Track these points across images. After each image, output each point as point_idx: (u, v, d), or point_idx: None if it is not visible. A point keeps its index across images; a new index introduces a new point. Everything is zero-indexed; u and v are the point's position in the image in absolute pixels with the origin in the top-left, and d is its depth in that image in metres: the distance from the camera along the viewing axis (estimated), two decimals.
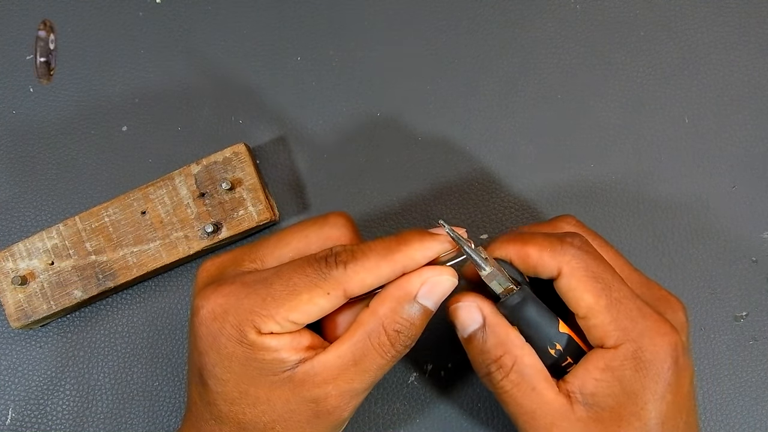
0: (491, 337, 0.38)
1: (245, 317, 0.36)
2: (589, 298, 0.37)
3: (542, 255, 0.38)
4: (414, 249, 0.37)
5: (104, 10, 0.52)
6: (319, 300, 0.36)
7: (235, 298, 0.37)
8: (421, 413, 0.48)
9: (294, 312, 0.36)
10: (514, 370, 0.38)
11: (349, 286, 0.37)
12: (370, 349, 0.37)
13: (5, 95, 0.51)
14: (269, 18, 0.52)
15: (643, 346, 0.37)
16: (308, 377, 0.37)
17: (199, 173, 0.48)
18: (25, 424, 0.48)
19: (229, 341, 0.37)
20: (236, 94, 0.51)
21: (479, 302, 0.39)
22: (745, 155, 0.51)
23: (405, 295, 0.37)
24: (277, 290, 0.36)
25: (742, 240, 0.50)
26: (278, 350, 0.36)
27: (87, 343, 0.49)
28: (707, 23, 0.52)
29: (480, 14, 0.52)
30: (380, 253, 0.37)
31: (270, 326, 0.36)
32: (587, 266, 0.37)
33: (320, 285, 0.36)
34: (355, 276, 0.36)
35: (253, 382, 0.37)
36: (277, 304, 0.36)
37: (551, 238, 0.38)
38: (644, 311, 0.37)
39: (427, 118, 0.51)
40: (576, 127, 0.51)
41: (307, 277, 0.36)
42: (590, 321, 0.37)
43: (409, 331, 0.37)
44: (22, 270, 0.47)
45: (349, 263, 0.37)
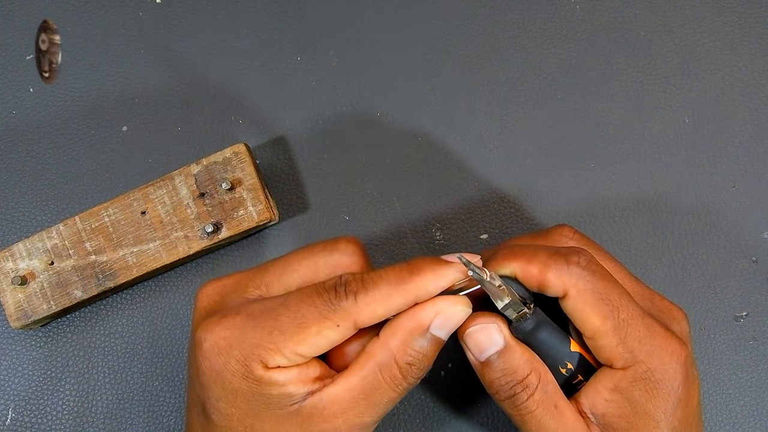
0: (516, 359, 0.37)
1: (251, 351, 0.35)
2: (596, 321, 0.36)
3: (547, 275, 0.37)
4: (427, 279, 0.36)
5: (104, 10, 0.52)
6: (328, 332, 0.35)
7: (240, 332, 0.35)
8: (422, 413, 0.48)
9: (302, 345, 0.35)
10: (539, 389, 0.37)
11: (360, 318, 0.35)
12: (381, 383, 0.36)
13: (5, 95, 0.51)
14: (269, 18, 0.52)
15: (653, 366, 0.36)
16: (317, 411, 0.35)
17: (199, 173, 0.48)
18: (25, 424, 0.48)
19: (234, 377, 0.35)
20: (236, 94, 0.51)
21: (498, 323, 0.37)
22: (745, 155, 0.51)
23: (418, 327, 0.36)
24: (284, 323, 0.35)
25: (742, 240, 0.50)
26: (285, 384, 0.35)
27: (87, 343, 0.49)
28: (707, 23, 0.52)
29: (480, 14, 0.52)
30: (392, 282, 0.36)
31: (277, 360, 0.35)
32: (594, 288, 0.37)
33: (329, 317, 0.35)
34: (366, 308, 0.35)
35: (258, 417, 0.36)
36: (284, 338, 0.35)
37: (555, 256, 0.37)
38: (652, 330, 0.37)
39: (427, 118, 0.51)
40: (576, 127, 0.51)
41: (316, 308, 0.35)
42: (597, 342, 0.37)
43: (422, 363, 0.36)
44: (22, 270, 0.47)
45: (359, 293, 0.35)
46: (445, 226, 0.50)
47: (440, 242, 0.50)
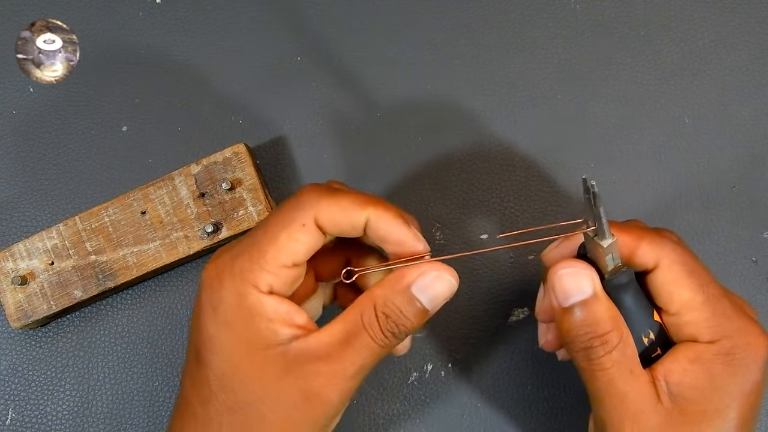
0: (601, 311, 0.36)
1: (241, 277, 0.36)
2: (686, 294, 0.36)
3: (641, 245, 0.37)
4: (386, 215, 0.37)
5: (104, 10, 0.52)
6: (298, 235, 0.37)
7: (227, 263, 0.37)
8: (421, 413, 0.48)
9: (280, 254, 0.36)
10: (618, 349, 0.36)
11: (320, 216, 0.37)
12: (360, 328, 0.37)
13: (5, 95, 0.51)
14: (269, 18, 0.52)
15: (739, 344, 0.36)
16: (301, 353, 0.36)
17: (199, 173, 0.48)
18: (25, 424, 0.48)
19: (229, 308, 0.37)
20: (236, 94, 0.51)
21: (591, 272, 0.37)
22: (745, 155, 0.51)
23: (398, 281, 0.37)
24: (261, 241, 0.37)
25: (742, 240, 0.50)
26: (272, 320, 0.36)
27: (87, 343, 0.49)
28: (707, 23, 0.52)
29: (480, 14, 0.52)
30: (355, 198, 0.37)
31: (265, 278, 0.36)
32: (685, 261, 0.37)
33: (295, 217, 0.37)
34: (326, 208, 0.37)
35: (245, 356, 0.37)
36: (263, 253, 0.36)
37: (648, 228, 0.38)
38: (740, 309, 0.37)
39: (427, 118, 0.51)
40: (576, 127, 0.51)
41: (282, 215, 0.37)
42: (683, 317, 0.37)
43: (398, 319, 0.37)
44: (22, 270, 0.47)
45: (323, 196, 0.37)
46: (445, 226, 0.50)
47: (440, 242, 0.50)
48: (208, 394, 0.37)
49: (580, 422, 0.47)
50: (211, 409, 0.37)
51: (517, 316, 0.49)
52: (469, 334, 0.49)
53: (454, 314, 0.49)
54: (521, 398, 0.48)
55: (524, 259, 0.50)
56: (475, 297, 0.49)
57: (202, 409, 0.37)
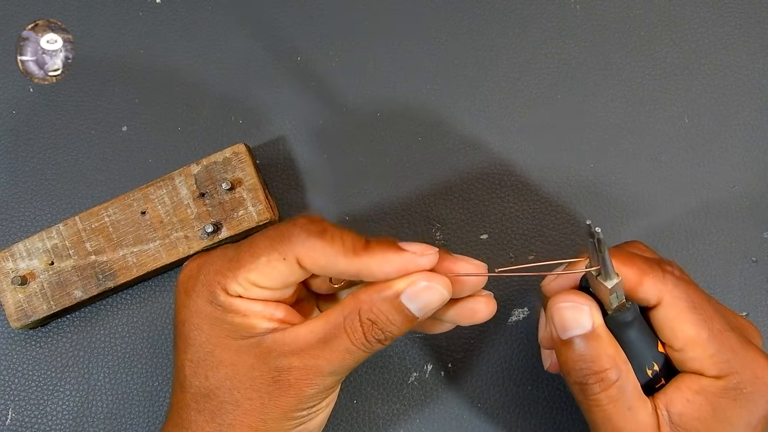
0: (599, 348, 0.36)
1: (213, 277, 0.37)
2: (691, 330, 0.36)
3: (644, 280, 0.36)
4: (375, 261, 0.36)
5: (104, 10, 0.52)
6: (276, 264, 0.36)
7: (208, 261, 0.38)
8: (421, 413, 0.48)
9: (253, 273, 0.36)
10: (616, 386, 0.36)
11: (303, 257, 0.36)
12: (342, 331, 0.36)
13: (5, 95, 0.51)
14: (269, 18, 0.52)
15: (746, 378, 0.36)
16: (275, 345, 0.36)
17: (199, 173, 0.48)
18: (25, 424, 0.48)
19: (199, 299, 0.37)
20: (236, 94, 0.51)
21: (591, 307, 0.37)
22: (745, 155, 0.51)
23: (387, 289, 0.36)
24: (241, 252, 0.37)
25: (742, 240, 0.50)
26: (247, 315, 0.37)
27: (87, 343, 0.49)
28: (707, 23, 0.52)
29: (480, 14, 0.52)
30: (345, 247, 0.36)
31: (235, 287, 0.37)
32: (688, 296, 0.36)
33: (277, 248, 0.36)
34: (311, 251, 0.36)
35: (219, 343, 0.37)
36: (239, 265, 0.37)
37: (651, 263, 0.37)
38: (745, 342, 0.37)
39: (427, 118, 0.51)
40: (576, 127, 0.51)
41: (269, 239, 0.37)
42: (688, 353, 0.36)
43: (384, 326, 0.37)
44: (22, 270, 0.47)
45: (312, 236, 0.36)
46: (445, 226, 0.50)
47: (440, 242, 0.50)
48: (183, 379, 0.38)
49: (580, 422, 0.47)
50: (186, 395, 0.38)
51: (517, 316, 0.49)
52: (469, 334, 0.49)
53: None
54: (521, 398, 0.48)
55: (524, 259, 0.50)
56: None
57: (180, 394, 0.38)
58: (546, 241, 0.50)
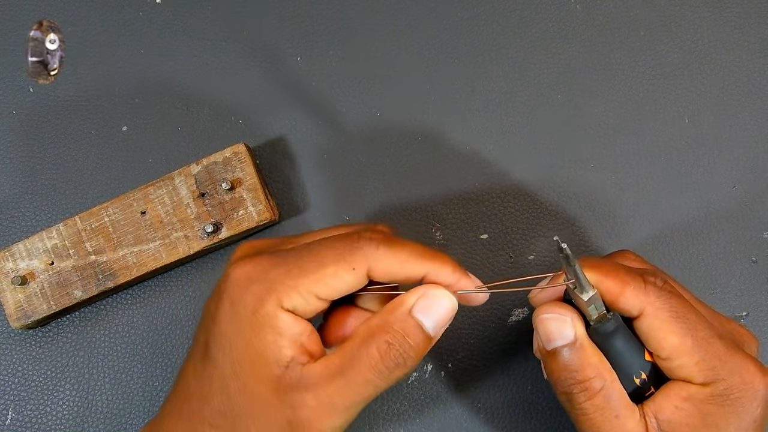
0: (582, 358, 0.37)
1: (270, 286, 0.36)
2: (674, 339, 0.36)
3: (625, 292, 0.37)
4: (445, 268, 0.37)
5: (104, 10, 0.52)
6: (344, 274, 0.36)
7: (263, 268, 0.36)
8: (421, 413, 0.48)
9: (318, 284, 0.36)
10: (601, 395, 0.37)
11: (375, 267, 0.36)
12: (358, 360, 0.35)
13: (5, 95, 0.51)
14: (269, 18, 0.52)
15: (734, 384, 0.36)
16: (293, 382, 0.36)
17: (199, 173, 0.48)
18: (25, 424, 0.48)
19: (245, 309, 0.36)
20: (236, 94, 0.51)
21: (573, 318, 0.37)
22: (745, 155, 0.51)
23: (399, 305, 0.36)
24: (305, 262, 0.36)
25: (742, 240, 0.50)
26: (282, 335, 0.35)
27: (87, 343, 0.49)
28: (707, 23, 0.52)
29: (480, 14, 0.52)
30: (414, 251, 0.37)
31: (293, 299, 0.36)
32: (671, 306, 0.37)
33: (347, 259, 0.36)
34: (384, 259, 0.36)
35: (247, 366, 0.36)
36: (302, 275, 0.36)
37: (633, 273, 0.37)
38: (733, 349, 0.37)
39: (427, 118, 0.51)
40: (576, 128, 0.51)
41: (336, 249, 0.36)
42: (674, 362, 0.37)
43: (402, 346, 0.36)
44: (22, 270, 0.47)
45: (382, 245, 0.36)
46: (445, 226, 0.50)
47: (440, 242, 0.50)
48: (209, 390, 0.37)
49: None
50: (206, 406, 0.37)
51: (517, 317, 0.49)
52: (469, 334, 0.49)
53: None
54: (521, 398, 0.48)
55: (524, 259, 0.50)
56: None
57: (198, 402, 0.37)
58: (546, 241, 0.50)
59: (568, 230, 0.50)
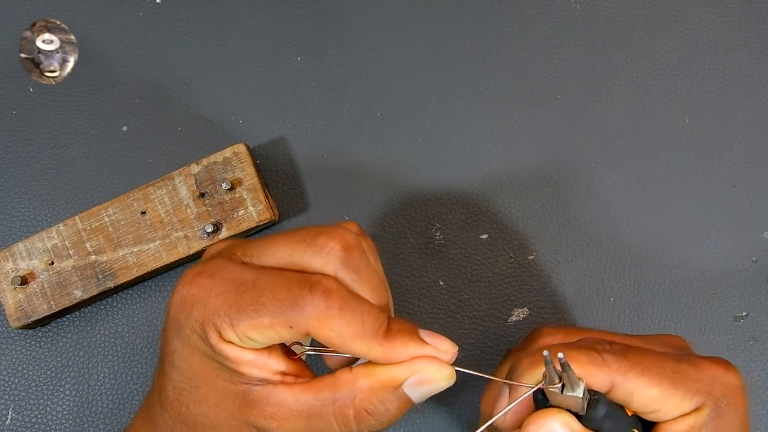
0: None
1: (208, 317, 0.34)
2: (654, 392, 0.35)
3: (588, 371, 0.35)
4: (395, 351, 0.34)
5: (104, 10, 0.52)
6: (280, 329, 0.34)
7: (205, 293, 0.34)
8: (421, 413, 0.48)
9: (252, 331, 0.34)
10: None
11: (315, 333, 0.34)
12: (329, 415, 0.34)
13: (5, 95, 0.51)
14: (269, 18, 0.52)
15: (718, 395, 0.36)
16: (260, 402, 0.35)
17: (199, 173, 0.48)
18: (25, 424, 0.48)
19: (192, 334, 0.35)
20: (236, 94, 0.51)
21: (567, 420, 0.35)
22: (745, 155, 0.51)
23: (391, 380, 0.34)
24: (245, 301, 0.34)
25: (742, 240, 0.50)
26: (237, 363, 0.34)
27: (87, 343, 0.49)
28: (707, 23, 0.52)
29: (480, 14, 0.52)
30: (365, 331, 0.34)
31: (229, 335, 0.34)
32: (632, 364, 0.35)
33: (286, 316, 0.33)
34: (325, 330, 0.33)
35: (206, 381, 0.35)
36: (239, 317, 0.34)
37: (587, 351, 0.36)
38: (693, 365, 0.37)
39: (427, 118, 0.51)
40: (576, 127, 0.51)
41: (279, 302, 0.33)
42: (662, 410, 0.36)
43: (382, 417, 0.35)
44: (22, 270, 0.47)
45: (329, 313, 0.33)
46: (445, 226, 0.50)
47: (440, 242, 0.50)
48: (166, 399, 0.36)
49: None
50: (166, 414, 0.36)
51: (517, 317, 0.49)
52: (469, 334, 0.49)
53: (454, 314, 0.49)
54: None
55: (524, 259, 0.50)
56: (475, 297, 0.49)
57: (160, 410, 0.37)
58: (546, 241, 0.50)
59: (568, 230, 0.50)
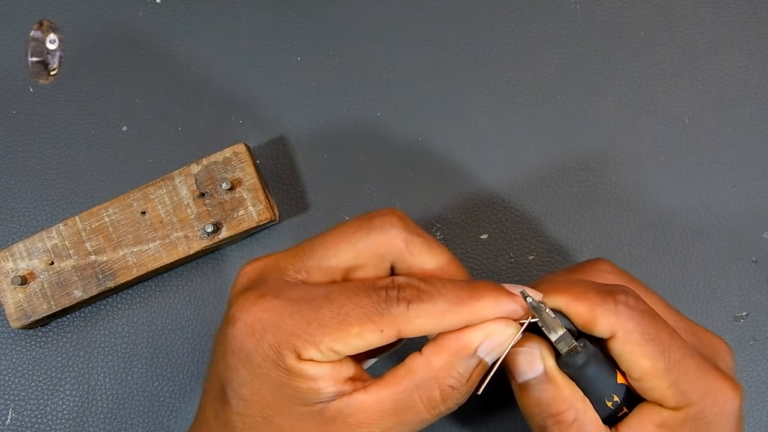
0: (553, 391, 0.36)
1: (286, 339, 0.33)
2: (646, 362, 0.35)
3: (595, 315, 0.35)
4: (486, 306, 0.34)
5: (104, 10, 0.52)
6: (369, 335, 0.33)
7: (277, 316, 0.34)
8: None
9: (339, 343, 0.33)
10: (574, 427, 0.36)
11: (406, 328, 0.33)
12: (417, 402, 0.34)
13: (5, 95, 0.51)
14: (269, 18, 0.52)
15: (706, 407, 0.35)
16: (340, 415, 0.33)
17: (199, 173, 0.48)
18: (25, 424, 0.48)
19: (264, 361, 0.33)
20: (236, 94, 0.51)
21: (542, 351, 0.36)
22: (745, 155, 0.51)
23: (465, 348, 0.34)
24: (325, 316, 0.33)
25: (742, 240, 0.50)
26: (316, 379, 0.33)
27: (87, 343, 0.49)
28: (707, 24, 0.52)
29: (480, 14, 0.52)
30: (449, 300, 0.34)
31: (311, 353, 0.33)
32: (642, 328, 0.35)
33: (374, 320, 0.33)
34: (416, 319, 0.33)
35: (279, 410, 0.34)
36: (322, 332, 0.33)
37: (603, 294, 0.36)
38: (704, 369, 0.36)
39: (427, 118, 0.51)
40: (576, 127, 0.51)
41: (362, 308, 0.33)
42: (646, 384, 0.36)
43: (464, 388, 0.34)
44: (22, 270, 0.47)
45: (412, 303, 0.33)
46: (445, 226, 0.50)
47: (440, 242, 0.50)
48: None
49: None
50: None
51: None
52: None
53: None
54: None
55: (524, 259, 0.50)
56: None
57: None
58: (546, 241, 0.50)
59: (568, 230, 0.50)
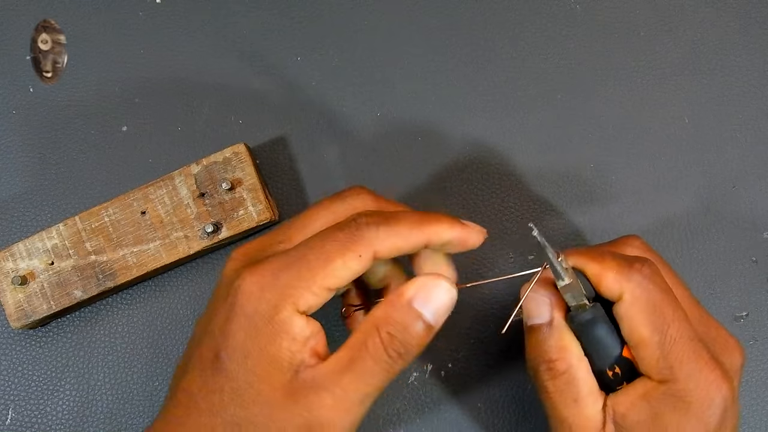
0: (552, 339, 0.39)
1: (283, 292, 0.36)
2: (644, 331, 0.37)
3: (606, 275, 0.38)
4: (443, 227, 0.38)
5: (104, 9, 0.52)
6: (351, 263, 0.36)
7: (271, 276, 0.36)
8: (421, 413, 0.48)
9: (329, 278, 0.36)
10: (563, 377, 0.38)
11: (381, 248, 0.37)
12: (364, 352, 0.36)
13: (5, 95, 0.51)
14: (269, 18, 0.52)
15: (688, 388, 0.36)
16: (307, 383, 0.36)
17: (199, 173, 0.48)
18: (25, 424, 0.48)
19: (261, 319, 0.36)
20: (236, 94, 0.51)
21: (553, 301, 0.39)
22: (745, 155, 0.51)
23: (398, 298, 0.37)
24: (311, 261, 0.36)
25: (742, 240, 0.50)
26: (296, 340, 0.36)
27: (87, 343, 0.49)
28: (708, 24, 0.52)
29: (480, 14, 0.52)
30: (413, 222, 0.37)
31: (307, 299, 0.36)
32: (649, 297, 0.37)
33: (352, 247, 0.36)
34: (387, 239, 0.37)
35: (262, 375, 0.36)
36: (312, 274, 0.36)
37: (620, 259, 0.38)
38: (698, 354, 0.37)
39: (427, 118, 0.51)
40: (576, 127, 0.51)
41: (339, 241, 0.36)
42: (639, 352, 0.37)
43: (404, 337, 0.36)
44: (22, 270, 0.47)
45: (381, 225, 0.37)
46: None
47: None
48: (219, 403, 0.36)
49: None
50: (217, 418, 0.36)
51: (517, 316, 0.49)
52: (469, 334, 0.49)
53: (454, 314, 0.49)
54: (522, 398, 0.48)
55: (524, 259, 0.50)
56: (475, 296, 0.49)
57: (207, 416, 0.37)
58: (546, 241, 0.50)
59: (569, 230, 0.50)
